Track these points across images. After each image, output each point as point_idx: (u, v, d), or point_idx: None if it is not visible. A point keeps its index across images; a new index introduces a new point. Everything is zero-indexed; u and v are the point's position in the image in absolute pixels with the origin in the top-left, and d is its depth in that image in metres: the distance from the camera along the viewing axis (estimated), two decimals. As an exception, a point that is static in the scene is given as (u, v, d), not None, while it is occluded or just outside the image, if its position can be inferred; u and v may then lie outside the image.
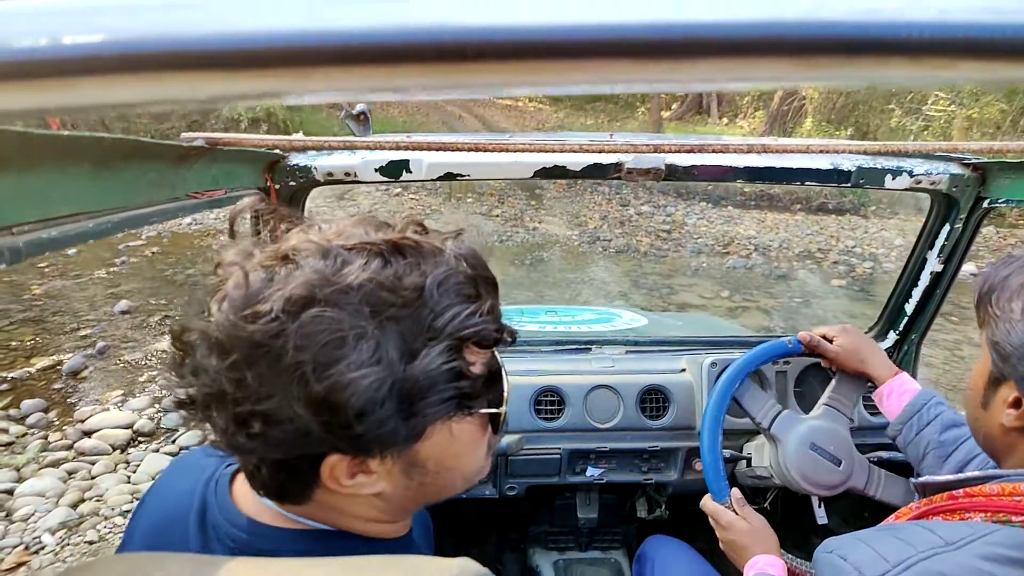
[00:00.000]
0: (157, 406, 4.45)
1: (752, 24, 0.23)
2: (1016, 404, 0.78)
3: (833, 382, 1.41)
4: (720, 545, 1.27)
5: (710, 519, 1.30)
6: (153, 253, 8.00)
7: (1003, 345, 0.77)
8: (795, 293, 7.70)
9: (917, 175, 1.33)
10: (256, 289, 0.49)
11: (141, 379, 4.87)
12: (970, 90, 13.90)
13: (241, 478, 0.65)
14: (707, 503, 1.31)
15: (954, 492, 0.83)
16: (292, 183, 1.29)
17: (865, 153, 1.26)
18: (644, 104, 20.42)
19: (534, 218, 10.81)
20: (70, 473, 3.62)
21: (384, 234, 0.54)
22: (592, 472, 1.62)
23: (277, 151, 1.23)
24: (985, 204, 1.36)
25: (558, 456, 1.58)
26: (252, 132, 12.74)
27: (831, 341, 1.39)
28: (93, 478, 3.60)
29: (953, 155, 1.35)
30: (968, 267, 8.71)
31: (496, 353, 0.62)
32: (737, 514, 1.25)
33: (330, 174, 1.30)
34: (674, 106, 20.46)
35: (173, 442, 4.03)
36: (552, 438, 1.58)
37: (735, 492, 1.29)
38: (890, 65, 0.24)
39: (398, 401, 0.50)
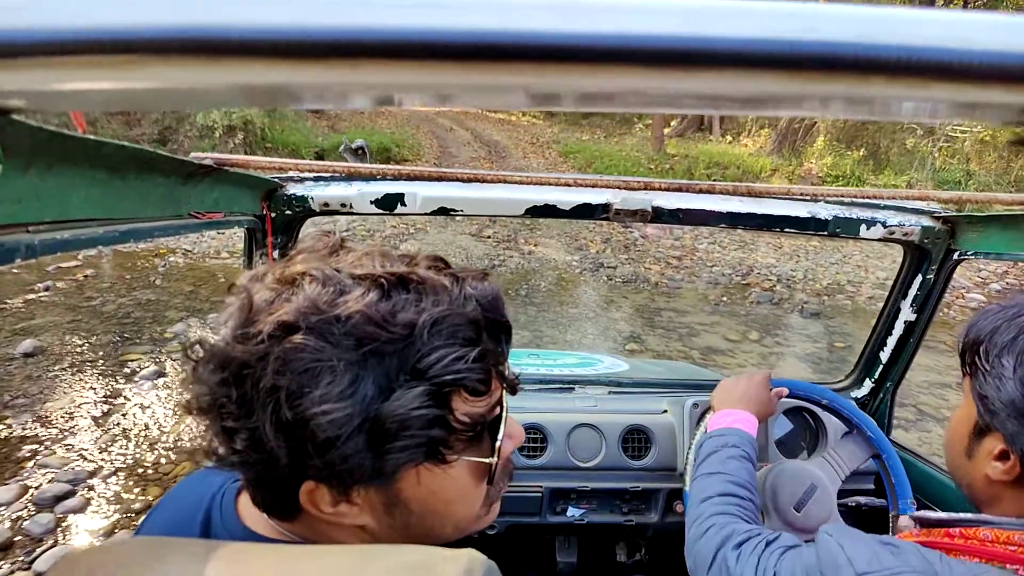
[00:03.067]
0: (28, 498, 3.29)
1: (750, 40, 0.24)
2: (1002, 456, 0.80)
3: (841, 439, 1.44)
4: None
5: None
6: (86, 277, 6.82)
7: (992, 400, 0.79)
8: (834, 336, 6.65)
9: (890, 226, 1.38)
10: (255, 311, 0.49)
11: (20, 453, 3.69)
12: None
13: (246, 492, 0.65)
14: None
15: (951, 531, 0.83)
16: (288, 212, 1.31)
17: (842, 199, 1.36)
18: (642, 120, 19.55)
19: (529, 239, 9.71)
20: None
21: (395, 266, 0.53)
22: (573, 512, 1.61)
23: (276, 179, 1.27)
24: (955, 256, 1.40)
25: (540, 494, 1.58)
26: (228, 139, 11.76)
27: None
28: None
29: (924, 208, 1.40)
30: (977, 295, 7.84)
31: (503, 402, 0.59)
32: None
33: (326, 204, 1.31)
34: (673, 123, 19.57)
35: (28, 566, 2.85)
36: (534, 476, 1.57)
37: None
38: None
39: (367, 438, 0.49)
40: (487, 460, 0.58)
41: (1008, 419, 0.77)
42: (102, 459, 3.71)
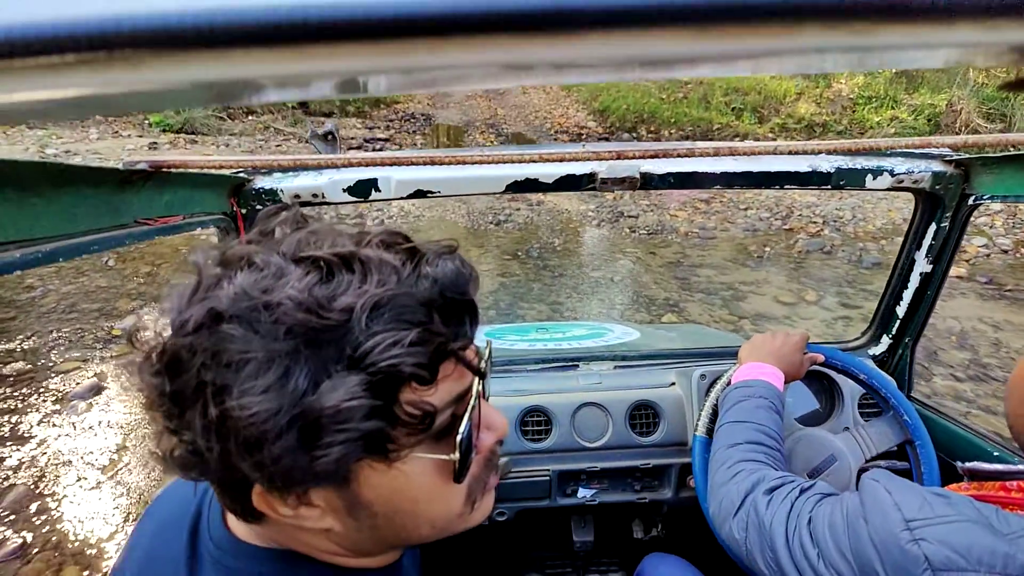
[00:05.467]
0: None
1: None
2: None
3: (873, 419, 1.38)
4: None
5: None
6: (28, 260, 5.85)
7: None
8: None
9: (898, 174, 1.32)
10: (192, 297, 0.46)
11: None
12: None
13: None
14: None
15: (1007, 484, 0.80)
16: (259, 206, 1.26)
17: (836, 152, 1.19)
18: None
19: (537, 188, 8.63)
20: None
21: (342, 245, 0.48)
22: (584, 493, 1.56)
23: (241, 174, 1.22)
24: (971, 201, 1.34)
25: (547, 478, 1.52)
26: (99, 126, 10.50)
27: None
28: None
29: (934, 152, 1.33)
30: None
31: (476, 391, 0.53)
32: None
33: (297, 196, 1.27)
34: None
35: None
36: (540, 459, 1.52)
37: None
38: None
39: (299, 435, 0.43)
40: (446, 457, 0.51)
41: None
42: None
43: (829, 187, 1.33)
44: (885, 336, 1.66)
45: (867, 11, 0.20)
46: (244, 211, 1.24)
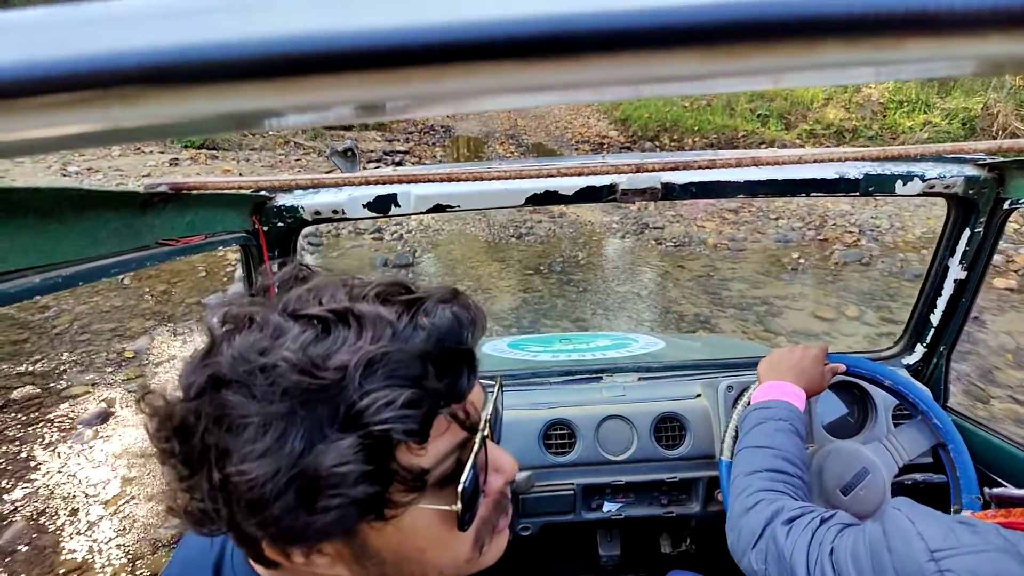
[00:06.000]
0: None
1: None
2: None
3: (903, 425, 1.33)
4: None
5: None
6: (45, 279, 5.79)
7: None
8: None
9: (930, 179, 1.29)
10: (201, 358, 0.47)
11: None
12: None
13: None
14: None
15: None
16: (280, 224, 1.27)
17: (864, 159, 1.23)
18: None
19: (559, 200, 8.42)
20: None
21: (339, 300, 0.48)
22: (609, 507, 1.52)
23: (263, 193, 1.22)
24: (1006, 205, 1.31)
25: (572, 492, 1.49)
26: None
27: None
28: None
29: (967, 156, 1.27)
30: None
31: (480, 436, 0.52)
32: None
33: (318, 213, 1.28)
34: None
35: None
36: (564, 473, 1.49)
37: None
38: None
39: (297, 496, 0.43)
40: (448, 508, 0.50)
41: None
42: None
43: (857, 193, 1.30)
44: (919, 345, 1.61)
45: (890, 25, 0.19)
46: (266, 228, 1.26)
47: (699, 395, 1.56)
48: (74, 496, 3.07)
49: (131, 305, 5.35)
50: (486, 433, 0.53)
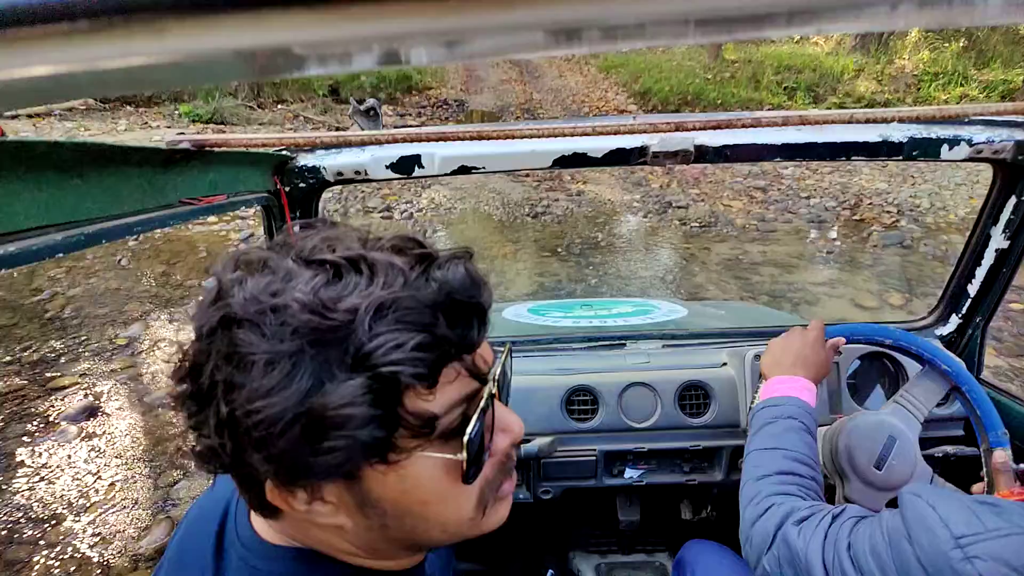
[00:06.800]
0: None
1: None
2: None
3: (912, 379, 1.27)
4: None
5: None
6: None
7: None
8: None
9: (977, 144, 1.22)
10: (212, 303, 0.47)
11: None
12: None
13: None
14: None
15: None
16: (302, 184, 1.26)
17: (918, 120, 1.17)
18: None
19: (577, 177, 8.01)
20: None
21: (353, 248, 0.48)
22: (631, 474, 1.53)
23: (285, 152, 1.20)
24: None
25: (593, 458, 1.50)
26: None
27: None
28: None
29: (1018, 120, 1.21)
30: None
31: (489, 392, 0.52)
32: None
33: (340, 173, 1.26)
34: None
35: None
36: (587, 439, 1.49)
37: None
38: None
39: (303, 433, 0.44)
40: (454, 457, 0.50)
41: None
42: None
43: (900, 158, 1.24)
44: (954, 315, 1.57)
45: None
46: (287, 189, 1.24)
47: (725, 363, 1.55)
48: (51, 503, 2.83)
49: (128, 287, 5.09)
50: (494, 391, 0.53)
